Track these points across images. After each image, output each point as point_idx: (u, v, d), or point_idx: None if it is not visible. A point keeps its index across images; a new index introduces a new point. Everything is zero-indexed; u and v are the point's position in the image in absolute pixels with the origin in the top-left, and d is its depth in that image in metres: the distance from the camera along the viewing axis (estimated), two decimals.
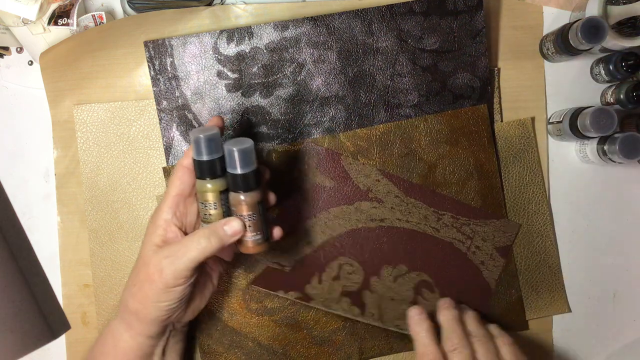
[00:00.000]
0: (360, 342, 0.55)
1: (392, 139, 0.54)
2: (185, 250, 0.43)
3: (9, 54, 0.58)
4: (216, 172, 0.43)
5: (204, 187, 0.44)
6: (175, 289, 0.44)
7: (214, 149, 0.43)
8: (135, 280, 0.45)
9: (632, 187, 0.58)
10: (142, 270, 0.45)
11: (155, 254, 0.44)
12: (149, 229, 0.47)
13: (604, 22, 0.49)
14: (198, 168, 0.43)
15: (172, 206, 0.46)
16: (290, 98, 0.54)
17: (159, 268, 0.43)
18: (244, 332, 0.55)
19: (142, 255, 0.46)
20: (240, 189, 0.43)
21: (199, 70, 0.54)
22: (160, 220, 0.46)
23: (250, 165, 0.43)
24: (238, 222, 0.44)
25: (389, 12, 0.54)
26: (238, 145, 0.42)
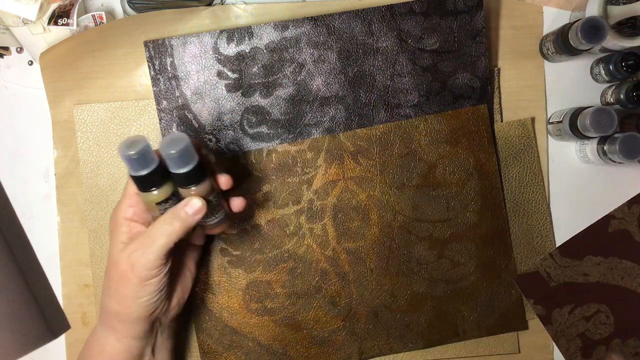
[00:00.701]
0: (360, 342, 0.55)
1: (392, 139, 0.54)
2: (151, 239, 0.43)
3: (9, 54, 0.58)
4: (155, 182, 0.42)
5: (148, 198, 0.43)
6: (151, 282, 0.43)
7: (147, 162, 0.41)
8: (109, 282, 0.45)
9: (632, 187, 0.58)
10: (113, 270, 0.44)
11: (124, 251, 0.44)
12: (112, 230, 0.46)
13: (604, 22, 0.49)
14: (137, 182, 0.42)
15: (131, 204, 0.45)
16: (290, 98, 0.54)
17: (129, 263, 0.43)
18: (244, 332, 0.55)
19: (111, 256, 0.45)
20: (188, 185, 0.43)
21: (199, 70, 0.54)
22: (121, 218, 0.45)
23: (192, 161, 0.42)
24: (198, 200, 0.43)
25: (389, 12, 0.54)
26: (174, 147, 0.41)
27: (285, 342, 0.55)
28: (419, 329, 0.55)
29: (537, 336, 0.57)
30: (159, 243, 0.42)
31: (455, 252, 0.55)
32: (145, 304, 0.44)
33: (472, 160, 0.55)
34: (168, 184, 0.43)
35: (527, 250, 0.57)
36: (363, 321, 0.55)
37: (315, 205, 0.54)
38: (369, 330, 0.55)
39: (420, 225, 0.55)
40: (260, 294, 0.55)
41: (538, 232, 0.57)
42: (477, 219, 0.55)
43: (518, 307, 0.56)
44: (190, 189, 0.43)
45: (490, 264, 0.56)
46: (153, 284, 0.44)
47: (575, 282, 0.56)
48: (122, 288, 0.44)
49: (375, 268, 0.55)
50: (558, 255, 0.57)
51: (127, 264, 0.43)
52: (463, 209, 0.55)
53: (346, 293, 0.55)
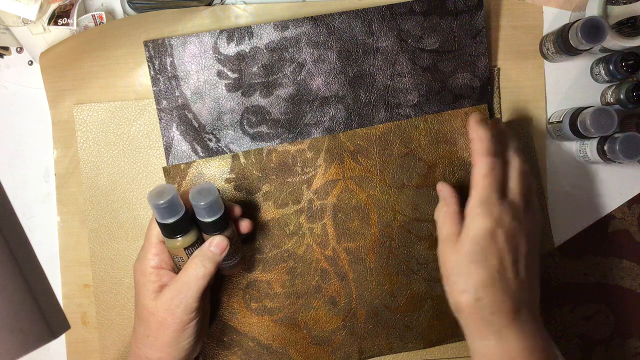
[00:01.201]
0: (359, 342, 0.55)
1: (391, 139, 0.54)
2: (187, 285, 0.44)
3: (9, 54, 0.58)
4: (182, 229, 0.44)
5: (174, 244, 0.44)
6: (189, 325, 0.45)
7: (175, 210, 0.43)
8: (148, 331, 0.45)
9: (632, 187, 0.58)
10: (151, 321, 0.45)
11: (160, 300, 0.45)
12: (138, 282, 0.46)
13: (604, 22, 0.49)
14: (164, 229, 0.44)
15: (156, 253, 0.46)
16: (290, 98, 0.54)
17: (170, 311, 0.44)
18: (243, 331, 0.55)
19: (145, 307, 0.45)
20: (214, 232, 0.45)
21: (198, 70, 0.54)
22: (148, 269, 0.46)
23: (220, 211, 0.44)
24: (221, 238, 0.45)
25: (389, 12, 0.54)
26: (204, 199, 0.43)
27: (285, 342, 0.55)
28: (419, 329, 0.55)
29: None
30: (195, 287, 0.44)
31: None
32: (185, 347, 0.45)
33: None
34: (194, 229, 0.45)
35: None
36: (363, 321, 0.55)
37: (315, 205, 0.54)
38: (368, 330, 0.55)
39: (420, 225, 0.55)
40: (260, 294, 0.55)
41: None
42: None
43: None
44: (212, 237, 0.45)
45: None
46: (192, 327, 0.45)
47: (575, 282, 0.56)
48: (162, 336, 0.44)
49: (375, 268, 0.55)
50: (558, 255, 0.57)
51: (167, 311, 0.44)
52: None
53: (346, 293, 0.55)
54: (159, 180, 0.56)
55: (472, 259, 0.43)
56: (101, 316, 0.56)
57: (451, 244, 0.44)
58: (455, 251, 0.44)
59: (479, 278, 0.42)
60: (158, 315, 0.44)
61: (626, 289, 0.58)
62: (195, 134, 0.54)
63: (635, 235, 0.57)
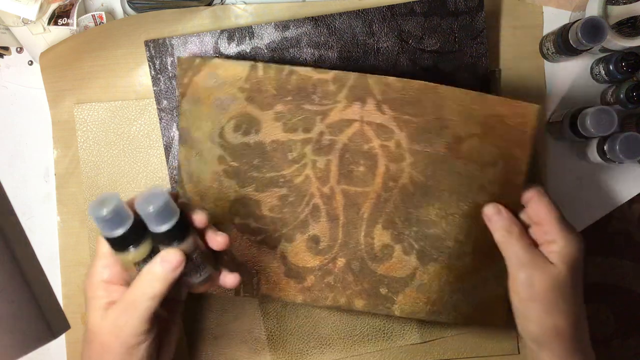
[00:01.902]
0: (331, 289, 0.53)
1: (424, 100, 0.51)
2: (133, 304, 0.39)
3: (9, 54, 0.58)
4: (134, 239, 0.38)
5: (126, 258, 0.39)
6: (138, 348, 0.40)
7: (121, 221, 0.37)
8: (90, 353, 0.41)
9: (632, 187, 0.58)
10: (94, 343, 0.40)
11: (104, 320, 0.40)
12: (87, 297, 0.42)
13: (604, 22, 0.49)
14: (112, 243, 0.38)
15: (106, 265, 0.41)
16: None
17: (114, 333, 0.39)
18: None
19: (90, 326, 0.41)
20: (169, 244, 0.39)
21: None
22: (97, 282, 0.41)
23: (173, 218, 0.38)
24: (173, 251, 0.39)
25: (390, 13, 0.54)
26: (152, 204, 0.37)
27: (259, 266, 0.53)
28: (395, 295, 0.53)
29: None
30: (143, 307, 0.39)
31: (456, 227, 0.52)
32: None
33: (502, 149, 0.51)
34: (146, 240, 0.39)
35: None
36: (340, 269, 0.53)
37: (325, 138, 0.52)
38: (343, 279, 0.53)
39: (427, 191, 0.52)
40: (246, 211, 0.52)
41: None
42: (487, 202, 0.51)
43: (499, 303, 0.53)
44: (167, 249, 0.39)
45: (489, 252, 0.52)
46: (141, 351, 0.40)
47: None
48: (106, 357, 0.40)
49: (368, 219, 0.52)
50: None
51: (111, 333, 0.39)
52: (477, 188, 0.52)
53: (331, 236, 0.53)
54: (159, 180, 0.56)
55: (575, 282, 0.43)
56: None
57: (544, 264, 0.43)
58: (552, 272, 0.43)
59: (580, 301, 0.43)
60: (102, 337, 0.40)
61: (626, 289, 0.58)
62: None
63: (635, 235, 0.57)
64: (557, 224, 0.43)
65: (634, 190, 0.58)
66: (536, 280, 0.43)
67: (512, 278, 0.44)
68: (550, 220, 0.44)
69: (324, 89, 0.51)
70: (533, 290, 0.43)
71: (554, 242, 0.43)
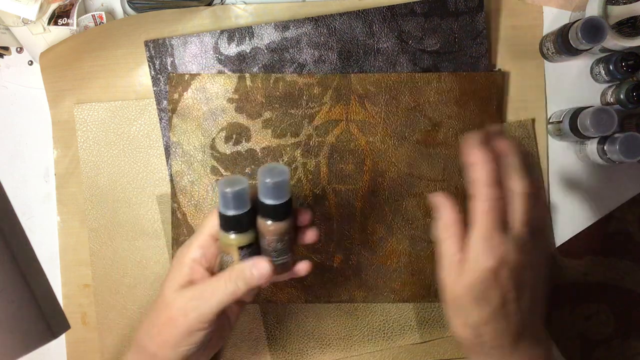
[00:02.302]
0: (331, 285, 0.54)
1: (402, 90, 0.54)
2: (212, 293, 0.41)
3: (9, 54, 0.58)
4: (242, 227, 0.41)
5: (228, 240, 0.41)
6: (197, 333, 0.42)
7: (241, 204, 0.40)
8: (155, 322, 0.43)
9: (632, 187, 0.58)
10: (163, 312, 0.42)
11: (180, 295, 0.42)
12: (173, 266, 0.44)
13: (604, 22, 0.49)
14: (223, 221, 0.41)
15: (203, 245, 0.43)
16: None
17: (183, 311, 0.41)
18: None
19: (164, 295, 0.43)
20: (271, 218, 0.41)
21: (199, 70, 0.54)
22: (187, 259, 0.43)
23: (284, 197, 0.40)
24: (266, 263, 0.41)
25: (390, 13, 0.54)
26: (273, 177, 0.39)
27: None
28: (393, 283, 0.55)
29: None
30: (218, 299, 0.41)
31: None
32: (183, 353, 0.43)
33: (477, 125, 0.54)
34: (252, 231, 0.42)
35: None
36: (339, 264, 0.55)
37: (313, 141, 0.54)
38: (343, 274, 0.55)
39: (412, 181, 0.55)
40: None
41: None
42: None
43: None
44: (268, 223, 0.41)
45: None
46: (198, 336, 0.42)
47: (575, 282, 0.56)
48: (166, 333, 0.42)
49: (360, 215, 0.55)
50: (558, 255, 0.57)
51: (182, 310, 0.41)
52: (459, 173, 0.55)
53: (327, 234, 0.54)
54: (159, 180, 0.56)
55: (474, 296, 0.41)
56: (101, 316, 0.56)
57: (454, 272, 0.42)
58: (458, 282, 0.41)
59: (481, 316, 0.41)
60: (171, 310, 0.42)
61: (626, 289, 0.58)
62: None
63: (635, 235, 0.57)
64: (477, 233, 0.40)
65: (634, 190, 0.58)
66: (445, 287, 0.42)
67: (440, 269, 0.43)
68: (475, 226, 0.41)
69: (310, 93, 0.54)
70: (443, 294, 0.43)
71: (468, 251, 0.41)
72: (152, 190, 0.56)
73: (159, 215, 0.56)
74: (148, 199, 0.56)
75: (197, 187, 0.54)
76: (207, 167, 0.54)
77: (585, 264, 0.58)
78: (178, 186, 0.54)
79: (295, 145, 0.54)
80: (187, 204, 0.55)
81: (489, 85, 0.55)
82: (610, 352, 0.57)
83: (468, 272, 0.41)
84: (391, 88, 0.54)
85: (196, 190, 0.55)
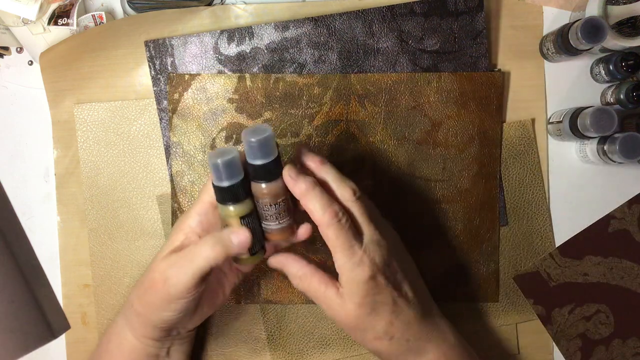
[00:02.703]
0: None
1: (402, 90, 0.54)
2: (189, 259, 0.41)
3: (9, 54, 0.58)
4: (238, 196, 0.40)
5: (226, 211, 0.41)
6: (179, 301, 0.42)
7: (234, 173, 0.40)
8: (142, 282, 0.44)
9: (632, 187, 0.58)
10: (148, 275, 0.43)
11: (164, 261, 0.42)
12: (171, 233, 0.45)
13: (604, 22, 0.49)
14: (219, 193, 0.40)
15: (200, 212, 0.43)
16: None
17: (163, 277, 0.41)
18: None
19: (154, 259, 0.44)
20: (260, 180, 0.41)
21: (199, 70, 0.54)
22: (185, 225, 0.43)
23: (271, 155, 0.40)
24: (245, 232, 0.41)
25: (390, 13, 0.54)
26: (256, 136, 0.39)
27: (258, 272, 0.54)
28: None
29: (537, 336, 0.57)
30: (196, 265, 0.40)
31: (442, 213, 0.55)
32: (166, 317, 0.43)
33: (476, 125, 0.55)
34: (249, 199, 0.41)
35: (527, 250, 0.57)
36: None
37: (313, 141, 0.54)
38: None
39: (412, 181, 0.55)
40: None
41: (538, 233, 0.57)
42: (470, 185, 0.55)
43: (493, 280, 0.56)
44: (262, 185, 0.41)
45: (475, 232, 0.56)
46: (180, 304, 0.42)
47: (575, 282, 0.56)
48: (149, 296, 0.43)
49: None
50: (558, 255, 0.57)
51: (162, 275, 0.41)
52: (458, 172, 0.55)
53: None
54: (159, 180, 0.56)
55: (368, 312, 0.42)
56: (101, 316, 0.56)
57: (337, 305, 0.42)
58: (347, 310, 0.42)
59: (383, 322, 0.43)
60: (154, 274, 0.42)
61: (626, 289, 0.58)
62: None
63: (635, 235, 0.57)
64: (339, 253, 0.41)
65: (634, 190, 0.58)
66: (338, 321, 0.44)
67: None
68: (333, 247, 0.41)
69: (310, 93, 0.54)
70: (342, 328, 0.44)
71: (341, 273, 0.42)
72: (152, 191, 0.56)
73: (159, 216, 0.56)
74: (148, 199, 0.56)
75: (197, 187, 0.54)
76: (208, 167, 0.54)
77: (585, 264, 0.58)
78: (178, 186, 0.54)
79: (295, 145, 0.54)
80: (187, 204, 0.55)
81: (489, 85, 0.55)
82: (610, 352, 0.57)
83: (351, 295, 0.42)
84: (391, 88, 0.54)
85: (196, 190, 0.55)
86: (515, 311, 0.57)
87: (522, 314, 0.57)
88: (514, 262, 0.57)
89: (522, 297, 0.56)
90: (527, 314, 0.57)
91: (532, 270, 0.56)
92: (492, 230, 0.56)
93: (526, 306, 0.57)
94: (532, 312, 0.56)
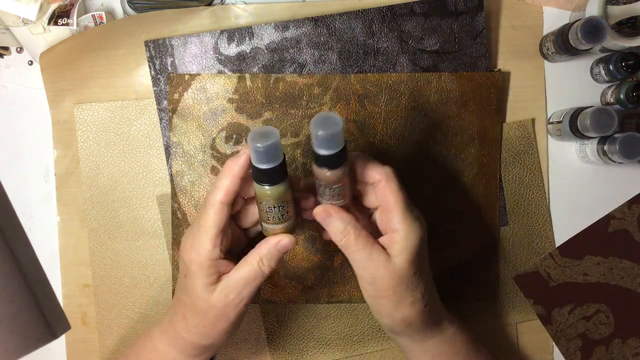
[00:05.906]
0: (330, 286, 0.55)
1: (402, 90, 0.54)
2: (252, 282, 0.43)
3: (9, 54, 0.58)
4: (275, 179, 0.41)
5: (262, 190, 0.41)
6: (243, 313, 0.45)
7: (274, 156, 0.40)
8: (204, 322, 0.44)
9: (632, 187, 0.58)
10: (209, 313, 0.43)
11: (220, 293, 0.43)
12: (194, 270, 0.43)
13: (604, 22, 0.49)
14: (256, 173, 0.41)
15: (217, 244, 0.43)
16: None
17: (233, 306, 0.43)
18: None
19: (201, 299, 0.43)
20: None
21: (199, 70, 0.54)
22: (207, 261, 0.43)
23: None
24: (288, 239, 0.43)
25: (390, 13, 0.54)
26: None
27: None
28: None
29: (537, 336, 0.57)
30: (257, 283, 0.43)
31: (442, 213, 0.55)
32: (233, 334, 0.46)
33: (476, 125, 0.55)
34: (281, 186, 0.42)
35: (527, 250, 0.57)
36: (338, 265, 0.55)
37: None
38: (342, 275, 0.55)
39: (412, 182, 0.54)
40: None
41: (538, 233, 0.57)
42: (470, 185, 0.55)
43: (493, 280, 0.56)
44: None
45: (475, 232, 0.56)
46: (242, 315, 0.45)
47: (575, 282, 0.56)
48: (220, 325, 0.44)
49: None
50: (558, 255, 0.57)
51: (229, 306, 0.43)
52: (459, 172, 0.55)
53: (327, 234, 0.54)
54: (159, 180, 0.56)
55: (414, 272, 0.43)
56: (101, 316, 0.56)
57: (384, 263, 0.43)
58: (394, 266, 0.42)
59: (425, 286, 0.44)
60: (217, 309, 0.43)
61: (626, 289, 0.58)
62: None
63: (635, 235, 0.57)
64: (400, 212, 0.43)
65: (634, 190, 0.58)
66: (379, 279, 0.43)
67: (358, 277, 0.44)
68: (394, 207, 0.43)
69: (310, 93, 0.53)
70: (378, 289, 0.43)
71: (396, 231, 0.43)
72: (152, 190, 0.56)
73: (159, 215, 0.56)
74: (148, 199, 0.56)
75: (197, 187, 0.54)
76: (208, 167, 0.54)
77: (585, 264, 0.58)
78: (178, 186, 0.54)
79: (296, 145, 0.54)
80: (187, 204, 0.55)
81: (489, 85, 0.55)
82: (610, 352, 0.57)
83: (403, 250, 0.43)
84: (391, 88, 0.54)
85: (196, 190, 0.55)
86: (515, 311, 0.57)
87: (522, 313, 0.57)
88: (514, 262, 0.57)
89: (522, 297, 0.57)
90: (527, 314, 0.57)
91: (532, 270, 0.56)
92: (492, 230, 0.56)
93: (526, 306, 0.57)
94: (532, 312, 0.56)
